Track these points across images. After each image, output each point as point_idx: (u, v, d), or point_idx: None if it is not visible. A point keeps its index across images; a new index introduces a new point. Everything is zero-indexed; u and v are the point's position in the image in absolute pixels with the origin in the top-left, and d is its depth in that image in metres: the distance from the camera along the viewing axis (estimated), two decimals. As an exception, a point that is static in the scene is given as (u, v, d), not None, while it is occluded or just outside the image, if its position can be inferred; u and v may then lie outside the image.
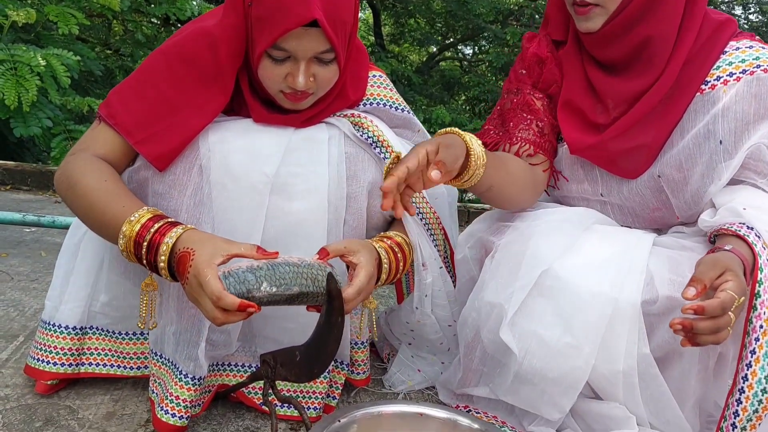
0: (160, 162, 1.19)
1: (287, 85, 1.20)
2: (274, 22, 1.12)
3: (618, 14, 1.21)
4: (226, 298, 0.97)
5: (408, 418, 1.19)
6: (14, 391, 1.34)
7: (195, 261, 1.01)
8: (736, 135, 1.18)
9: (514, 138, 1.36)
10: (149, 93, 1.21)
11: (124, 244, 1.08)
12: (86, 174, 1.16)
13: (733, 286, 1.00)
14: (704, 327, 0.98)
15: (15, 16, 3.51)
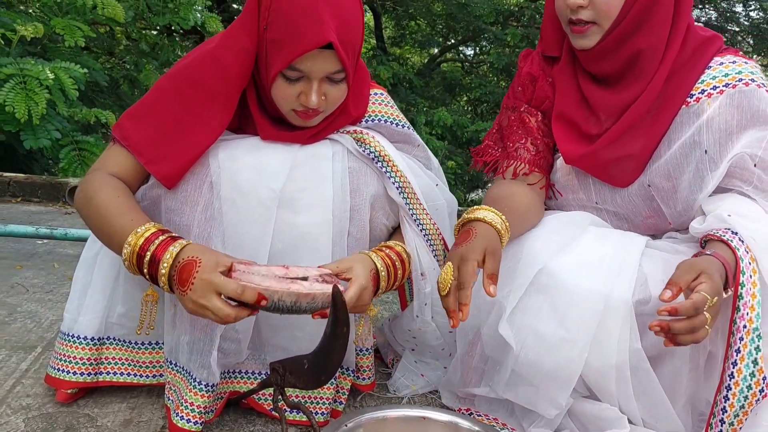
0: (168, 181, 1.26)
1: (300, 103, 1.26)
2: (290, 45, 1.19)
3: (612, 31, 1.26)
4: (248, 290, 1.06)
5: (411, 421, 1.24)
6: (35, 401, 1.41)
7: (203, 267, 1.08)
8: (720, 145, 1.24)
9: (511, 157, 1.43)
10: (159, 114, 1.28)
11: (128, 254, 1.15)
12: (100, 190, 1.23)
13: (706, 288, 1.05)
14: (680, 327, 1.04)
15: (23, 31, 3.59)
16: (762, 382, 1.11)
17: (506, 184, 1.43)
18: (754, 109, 1.23)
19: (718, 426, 1.15)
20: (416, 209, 1.41)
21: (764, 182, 1.22)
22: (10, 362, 1.57)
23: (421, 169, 1.49)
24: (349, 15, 1.22)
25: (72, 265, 2.33)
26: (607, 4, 1.24)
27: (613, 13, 1.25)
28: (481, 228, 1.19)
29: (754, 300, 1.12)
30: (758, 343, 1.11)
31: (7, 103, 3.43)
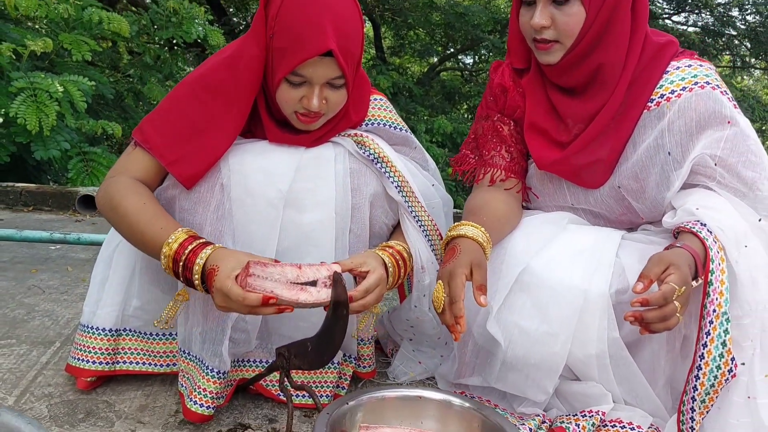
0: (188, 181, 1.35)
1: (302, 106, 1.35)
2: (294, 52, 1.29)
3: (574, 48, 1.35)
4: (250, 297, 1.15)
5: (408, 400, 1.34)
6: (56, 389, 1.50)
7: (218, 277, 1.18)
8: (682, 146, 1.32)
9: (488, 164, 1.53)
10: (178, 119, 1.38)
11: (165, 263, 1.25)
12: (126, 196, 1.32)
13: (675, 278, 1.14)
14: (652, 316, 1.13)
15: (33, 46, 3.71)
16: (730, 363, 1.19)
17: (482, 193, 1.51)
18: (711, 111, 1.31)
19: (690, 403, 1.24)
20: (415, 207, 1.49)
21: (726, 178, 1.31)
22: (31, 355, 1.67)
23: (418, 169, 1.58)
24: (348, 25, 1.32)
25: (84, 269, 2.44)
26: (568, 24, 1.32)
27: (574, 32, 1.33)
28: (464, 244, 1.27)
29: (723, 286, 1.21)
30: (727, 326, 1.20)
31: (19, 116, 3.55)
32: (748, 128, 1.33)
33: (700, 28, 12.39)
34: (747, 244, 1.24)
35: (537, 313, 1.34)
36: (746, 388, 1.22)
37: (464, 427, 1.29)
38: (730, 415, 1.22)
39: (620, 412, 1.37)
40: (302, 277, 1.20)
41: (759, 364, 1.22)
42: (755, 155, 1.31)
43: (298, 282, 1.20)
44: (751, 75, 18.64)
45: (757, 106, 11.55)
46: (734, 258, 1.23)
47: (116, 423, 1.38)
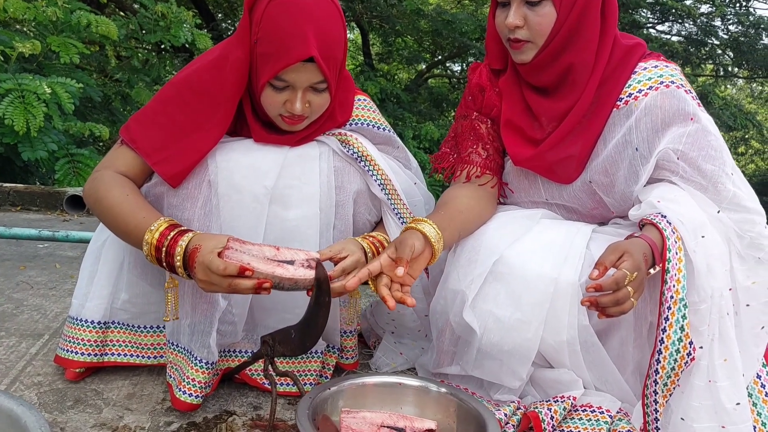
0: (173, 180, 1.39)
1: (286, 109, 1.40)
2: (277, 58, 1.33)
3: (546, 47, 1.41)
4: (229, 265, 1.20)
5: (388, 387, 1.39)
6: (46, 378, 1.54)
7: (200, 253, 1.23)
8: (648, 142, 1.39)
9: (465, 162, 1.59)
10: (164, 120, 1.42)
11: (147, 250, 1.30)
12: (111, 189, 1.37)
13: (627, 265, 1.20)
14: (605, 301, 1.19)
15: (21, 48, 3.73)
16: (689, 346, 1.25)
17: (454, 190, 1.57)
18: (675, 108, 1.38)
19: (653, 386, 1.30)
20: (397, 204, 1.55)
21: (687, 172, 1.37)
22: (21, 347, 1.71)
23: (400, 168, 1.63)
24: (330, 31, 1.36)
25: (72, 266, 2.47)
26: (540, 24, 1.39)
27: (545, 32, 1.40)
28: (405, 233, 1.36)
29: (680, 274, 1.27)
30: (684, 311, 1.26)
31: (6, 117, 3.57)
32: (710, 125, 1.40)
33: (684, 37, 12.57)
34: (704, 235, 1.30)
35: (510, 301, 1.39)
36: (707, 372, 1.28)
37: (441, 411, 1.35)
38: (692, 399, 1.28)
39: (591, 397, 1.43)
40: (279, 257, 1.27)
41: (718, 349, 1.28)
42: (715, 150, 1.37)
43: (276, 259, 1.26)
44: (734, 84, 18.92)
45: (739, 114, 11.72)
46: (692, 247, 1.29)
47: (104, 410, 1.42)
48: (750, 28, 11.91)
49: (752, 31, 11.93)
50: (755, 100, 19.18)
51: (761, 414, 1.36)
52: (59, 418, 1.37)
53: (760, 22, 11.75)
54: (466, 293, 1.43)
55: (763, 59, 11.88)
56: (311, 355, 1.54)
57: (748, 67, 12.82)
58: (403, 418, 1.30)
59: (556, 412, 1.37)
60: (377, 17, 10.58)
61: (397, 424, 1.29)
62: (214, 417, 1.43)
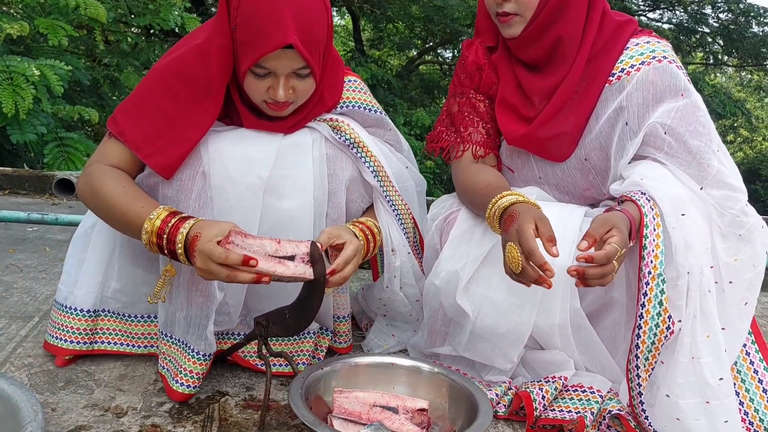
0: (166, 172, 1.37)
1: (269, 96, 1.37)
2: (255, 46, 1.30)
3: (534, 20, 1.42)
4: (231, 254, 1.18)
5: (380, 367, 1.40)
6: (36, 360, 1.53)
7: (200, 241, 1.20)
8: (639, 117, 1.40)
9: (466, 141, 1.59)
10: (151, 109, 1.38)
11: (147, 238, 1.27)
12: (106, 182, 1.35)
13: (617, 240, 1.21)
14: (593, 273, 1.20)
15: (9, 29, 3.68)
16: (668, 320, 1.27)
17: (484, 172, 1.54)
18: (667, 83, 1.39)
19: (635, 361, 1.31)
20: (389, 191, 1.54)
21: (673, 148, 1.38)
22: (11, 329, 1.70)
23: (392, 152, 1.62)
24: (311, 15, 1.32)
25: (62, 249, 2.45)
26: None
27: (532, 5, 1.40)
28: (520, 207, 1.31)
29: (658, 249, 1.28)
30: (663, 287, 1.27)
31: (-6, 99, 3.53)
32: (699, 101, 1.40)
33: (675, 25, 12.60)
34: (684, 213, 1.31)
35: (505, 285, 1.40)
36: (690, 349, 1.29)
37: (433, 391, 1.36)
38: (677, 375, 1.29)
39: (582, 377, 1.45)
40: (281, 251, 1.24)
41: (700, 326, 1.29)
42: (703, 126, 1.38)
43: (277, 255, 1.24)
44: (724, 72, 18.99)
45: (729, 102, 11.79)
46: (671, 224, 1.30)
47: (96, 391, 1.42)
48: (740, 16, 11.98)
49: (742, 20, 11.99)
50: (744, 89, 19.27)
51: (749, 390, 1.38)
52: (50, 399, 1.36)
53: (750, 10, 11.80)
54: (460, 275, 1.44)
55: (753, 47, 11.95)
56: (304, 335, 1.54)
57: (737, 55, 12.88)
58: (395, 397, 1.31)
59: (547, 392, 1.38)
60: (368, 2, 10.53)
61: (389, 404, 1.30)
62: (207, 398, 1.43)
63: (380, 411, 1.28)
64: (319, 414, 1.26)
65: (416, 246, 1.64)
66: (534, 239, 1.23)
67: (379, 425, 1.24)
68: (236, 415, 1.37)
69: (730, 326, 1.37)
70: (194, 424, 1.32)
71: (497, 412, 1.41)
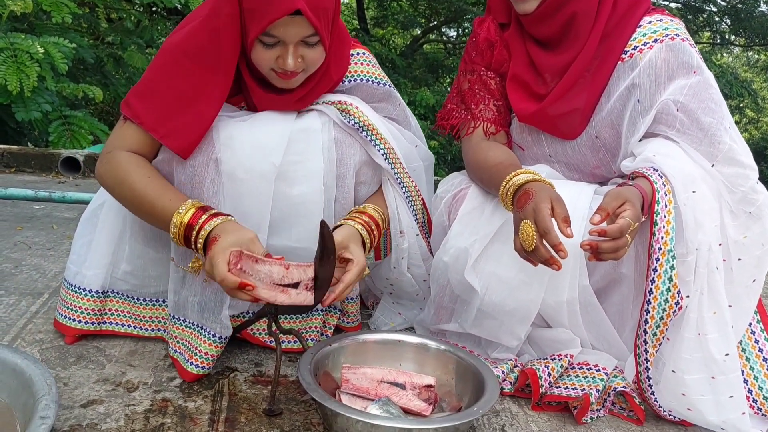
0: (184, 152, 1.37)
1: (278, 65, 1.36)
2: (262, 13, 1.28)
3: None
4: (228, 279, 1.18)
5: (388, 344, 1.41)
6: (47, 336, 1.55)
7: (215, 247, 1.21)
8: (651, 94, 1.39)
9: (477, 118, 1.58)
10: (163, 89, 1.37)
11: (175, 232, 1.28)
12: (130, 171, 1.35)
13: (630, 214, 1.21)
14: (606, 247, 1.20)
15: (12, 6, 3.67)
16: (677, 296, 1.27)
17: (495, 149, 1.53)
18: (679, 61, 1.38)
19: (643, 336, 1.32)
20: (400, 173, 1.53)
21: (685, 125, 1.38)
22: (21, 305, 1.71)
23: (400, 132, 1.61)
24: None
25: (70, 227, 2.47)
26: None
27: None
28: (535, 185, 1.31)
29: (669, 226, 1.28)
30: (673, 262, 1.28)
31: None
32: (711, 79, 1.40)
33: (682, 4, 12.46)
34: (695, 190, 1.31)
35: (514, 262, 1.40)
36: (696, 325, 1.30)
37: (440, 368, 1.37)
38: (682, 351, 1.30)
39: (588, 355, 1.46)
40: (287, 278, 1.24)
41: (707, 302, 1.30)
42: (715, 103, 1.38)
43: (282, 283, 1.24)
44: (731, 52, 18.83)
45: (735, 82, 11.70)
46: (682, 201, 1.30)
47: (107, 366, 1.43)
48: (749, -6, 11.82)
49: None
50: (751, 69, 19.12)
51: (753, 368, 1.39)
52: (62, 374, 1.38)
53: (758, -11, 11.65)
54: (469, 251, 1.44)
55: (760, 27, 11.82)
56: (313, 312, 1.55)
57: (745, 35, 12.75)
58: (402, 374, 1.32)
59: (553, 369, 1.40)
60: (373, -20, 10.44)
61: (396, 380, 1.31)
62: (217, 374, 1.44)
63: (388, 387, 1.30)
64: (328, 389, 1.27)
65: (424, 226, 1.65)
66: (550, 219, 1.23)
67: (386, 401, 1.26)
68: (245, 390, 1.39)
69: (738, 303, 1.37)
70: (204, 398, 1.34)
71: (503, 389, 1.42)
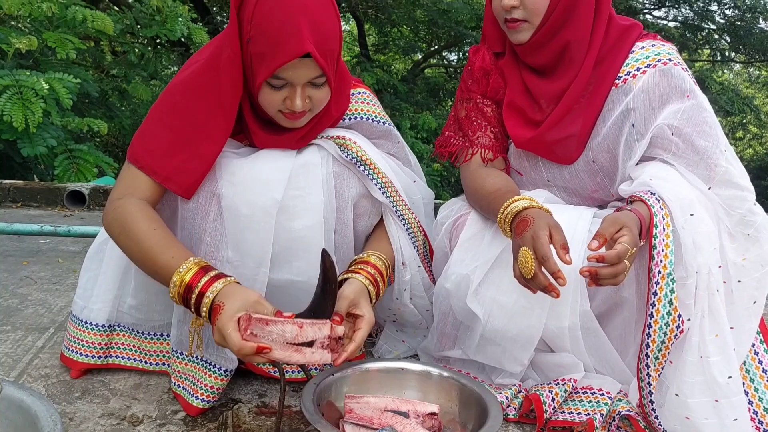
0: (186, 193, 1.38)
1: (286, 106, 1.38)
2: (272, 56, 1.30)
3: (542, 26, 1.44)
4: (245, 347, 1.15)
5: (391, 372, 1.41)
6: (53, 371, 1.56)
7: (221, 317, 1.18)
8: (645, 119, 1.41)
9: (474, 145, 1.60)
10: (164, 131, 1.39)
11: (174, 291, 1.26)
12: (137, 221, 1.33)
13: (628, 240, 1.22)
14: (605, 273, 1.21)
15: (18, 44, 3.74)
16: (678, 319, 1.28)
17: (493, 176, 1.55)
18: (672, 85, 1.40)
19: (645, 360, 1.32)
20: (399, 205, 1.55)
21: (681, 149, 1.39)
22: (27, 341, 1.72)
23: (399, 167, 1.63)
24: (325, 23, 1.33)
25: (75, 261, 2.49)
26: (535, 3, 1.41)
27: (541, 11, 1.42)
28: (533, 212, 1.32)
29: (668, 249, 1.29)
30: (672, 286, 1.28)
31: (5, 113, 3.58)
32: (705, 102, 1.42)
33: (680, 22, 12.55)
34: (693, 213, 1.32)
35: (515, 288, 1.40)
36: (698, 348, 1.30)
37: (443, 395, 1.37)
38: (685, 375, 1.30)
39: (591, 379, 1.45)
40: (301, 337, 1.21)
41: (708, 325, 1.30)
42: (710, 126, 1.39)
43: (296, 342, 1.21)
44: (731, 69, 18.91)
45: (736, 99, 11.73)
46: (680, 224, 1.31)
47: (112, 400, 1.44)
48: (746, 12, 11.90)
49: (748, 16, 11.92)
50: (753, 85, 19.18)
51: (758, 390, 1.38)
52: (68, 409, 1.39)
53: (756, 6, 11.73)
54: (470, 278, 1.45)
55: (760, 43, 11.88)
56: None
57: (744, 51, 12.81)
58: (406, 402, 1.32)
59: (557, 395, 1.39)
60: (372, 7, 10.56)
61: (400, 408, 1.31)
62: (221, 405, 1.45)
63: (391, 415, 1.30)
64: (331, 419, 1.27)
65: (426, 256, 1.66)
66: (549, 246, 1.24)
67: (390, 429, 1.26)
68: (249, 422, 1.39)
69: (739, 325, 1.37)
70: (208, 431, 1.34)
71: (507, 415, 1.42)
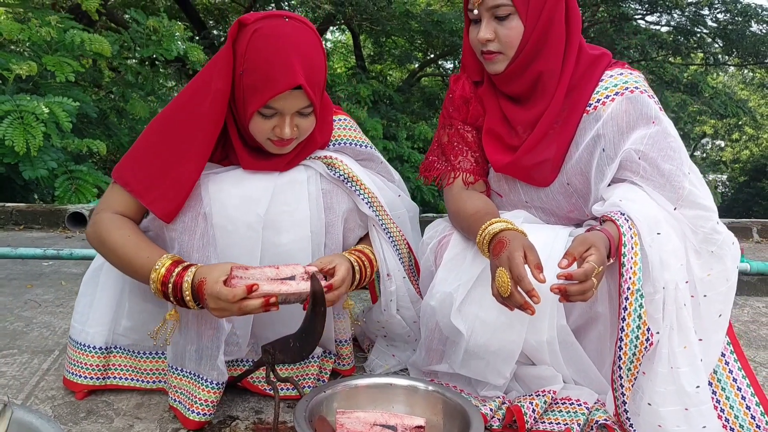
0: (167, 217, 1.47)
1: (275, 134, 1.47)
2: (265, 88, 1.39)
3: (516, 58, 1.52)
4: (236, 290, 1.30)
5: (379, 387, 1.49)
6: (59, 392, 1.63)
7: (207, 285, 1.32)
8: (614, 143, 1.49)
9: (456, 169, 1.69)
10: (149, 156, 1.48)
11: (154, 287, 1.39)
12: (111, 231, 1.45)
13: (595, 259, 1.30)
14: (574, 290, 1.28)
15: (18, 69, 3.82)
16: (647, 332, 1.35)
17: (473, 199, 1.64)
18: (639, 112, 1.49)
19: (618, 371, 1.40)
20: (384, 219, 1.64)
21: (648, 172, 1.47)
22: (33, 363, 1.80)
23: (384, 183, 1.73)
24: (313, 58, 1.43)
25: (77, 282, 2.53)
26: (509, 36, 1.50)
27: (514, 44, 1.51)
28: (509, 234, 1.40)
29: (636, 267, 1.37)
30: (641, 301, 1.36)
31: (6, 138, 3.67)
32: (670, 127, 1.50)
33: (673, 27, 12.64)
34: (660, 232, 1.40)
35: (495, 305, 1.47)
36: (668, 359, 1.37)
37: (429, 408, 1.45)
38: (657, 384, 1.37)
39: (570, 390, 1.53)
40: (281, 274, 1.36)
41: (677, 337, 1.38)
42: (674, 151, 1.47)
43: (278, 278, 1.35)
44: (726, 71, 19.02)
45: (730, 103, 11.82)
46: (648, 242, 1.39)
47: (115, 419, 1.51)
48: (738, 16, 11.98)
49: (740, 19, 12.00)
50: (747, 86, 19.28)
51: (729, 398, 1.46)
52: (74, 429, 1.46)
53: (747, 10, 11.82)
54: (454, 296, 1.53)
55: (753, 46, 11.97)
56: (309, 360, 1.64)
57: (737, 54, 12.89)
58: (394, 416, 1.40)
59: (537, 406, 1.47)
60: (367, 19, 10.65)
61: (389, 423, 1.38)
62: (219, 422, 1.52)
63: (380, 429, 1.37)
64: (323, 434, 1.35)
65: (412, 269, 1.74)
66: (524, 266, 1.32)
67: (379, 443, 1.33)
68: (246, 438, 1.46)
69: (707, 337, 1.45)
70: (207, 448, 1.42)
71: (492, 426, 1.49)
